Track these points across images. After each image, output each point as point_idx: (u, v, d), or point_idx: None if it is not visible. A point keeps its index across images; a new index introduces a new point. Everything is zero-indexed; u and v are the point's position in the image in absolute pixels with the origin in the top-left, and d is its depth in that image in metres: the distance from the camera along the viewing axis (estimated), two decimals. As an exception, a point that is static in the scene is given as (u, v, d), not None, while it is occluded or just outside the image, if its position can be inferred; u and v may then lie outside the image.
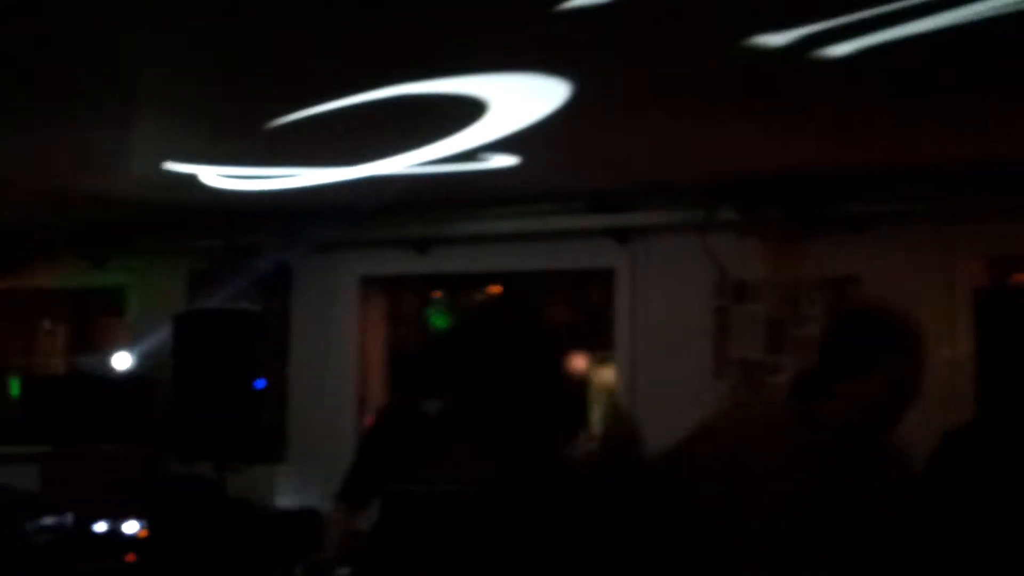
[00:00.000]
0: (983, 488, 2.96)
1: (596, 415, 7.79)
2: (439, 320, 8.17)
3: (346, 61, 4.43)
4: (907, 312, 3.07)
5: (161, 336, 7.90)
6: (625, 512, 2.14)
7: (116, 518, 6.21)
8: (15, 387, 8.25)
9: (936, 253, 6.18)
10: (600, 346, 7.76)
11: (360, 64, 4.45)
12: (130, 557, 5.99)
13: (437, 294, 8.36)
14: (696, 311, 6.85)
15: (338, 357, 8.13)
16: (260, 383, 6.62)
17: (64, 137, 5.85)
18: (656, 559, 2.09)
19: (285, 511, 6.62)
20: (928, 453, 3.02)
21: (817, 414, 3.04)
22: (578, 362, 7.05)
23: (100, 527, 6.15)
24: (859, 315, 3.28)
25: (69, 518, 6.30)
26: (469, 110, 5.06)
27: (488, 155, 5.96)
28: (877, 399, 2.99)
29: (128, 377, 8.46)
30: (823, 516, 2.91)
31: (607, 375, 7.45)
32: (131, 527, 6.18)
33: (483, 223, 7.48)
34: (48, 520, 6.29)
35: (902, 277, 6.26)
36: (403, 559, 4.67)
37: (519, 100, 4.94)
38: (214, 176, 6.60)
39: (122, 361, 8.54)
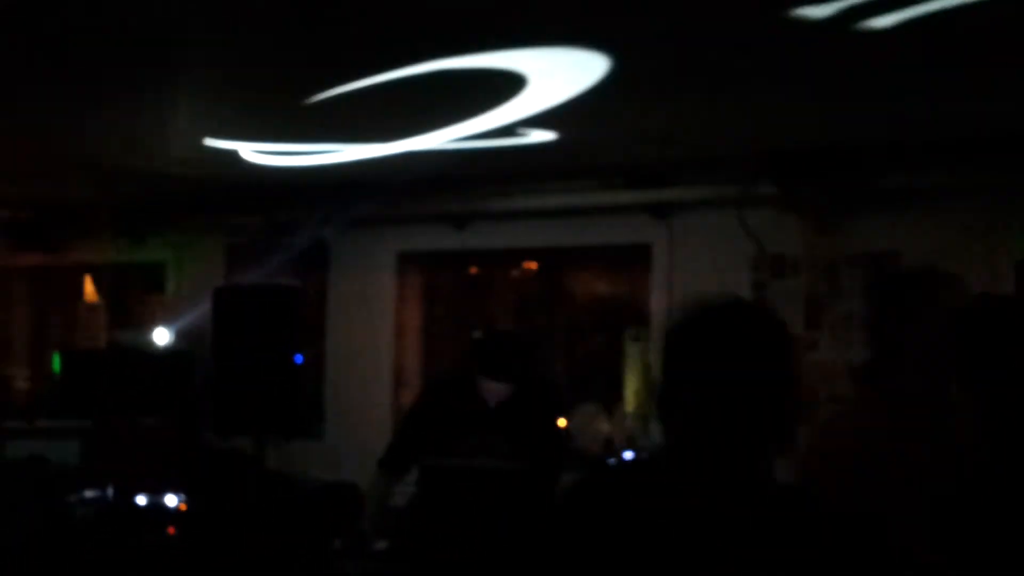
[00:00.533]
0: None
1: (630, 390, 7.79)
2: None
3: (385, 36, 4.43)
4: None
5: (200, 311, 7.95)
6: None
7: (156, 492, 6.26)
8: (56, 362, 8.32)
9: (978, 227, 6.13)
10: (636, 321, 7.76)
11: (399, 39, 4.45)
12: (171, 530, 6.04)
13: (474, 270, 8.37)
14: (733, 287, 6.81)
15: (375, 333, 8.16)
16: (298, 358, 6.64)
17: (104, 115, 5.89)
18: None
19: (323, 485, 6.64)
20: None
21: (896, 390, 3.03)
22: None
23: (141, 500, 6.20)
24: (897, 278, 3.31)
25: (110, 491, 6.35)
26: (508, 85, 5.05)
27: (526, 130, 5.95)
28: (937, 352, 2.99)
29: (168, 352, 8.52)
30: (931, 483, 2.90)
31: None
32: (171, 500, 6.23)
33: (521, 199, 7.46)
34: (89, 493, 6.35)
35: (943, 252, 6.21)
36: (440, 533, 4.70)
37: (558, 75, 4.93)
38: (253, 152, 6.62)
39: (162, 336, 8.60)
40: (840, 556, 2.10)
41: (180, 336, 8.48)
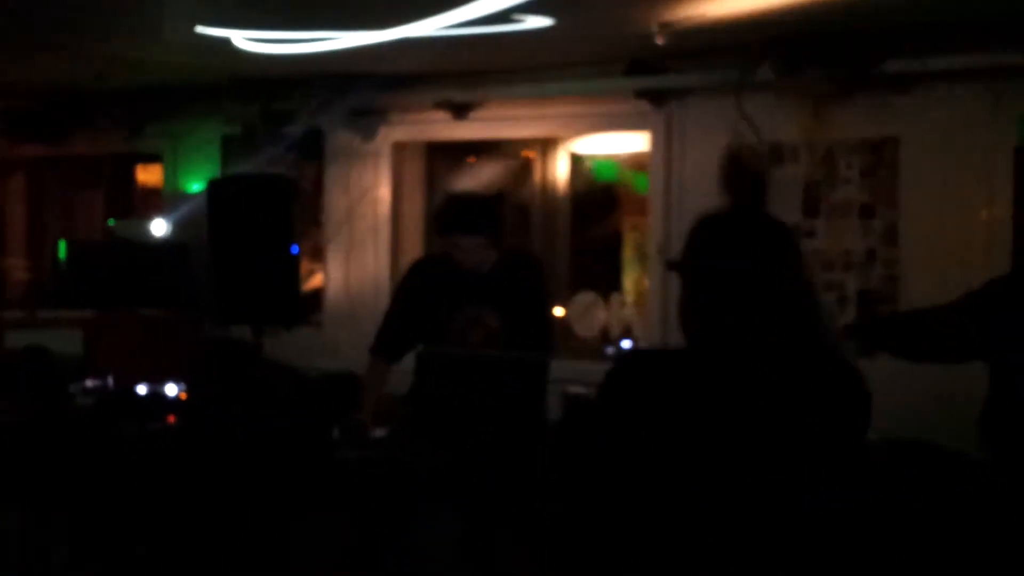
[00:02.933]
0: None
1: (628, 279, 7.82)
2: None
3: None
4: None
5: (197, 202, 7.94)
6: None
7: (156, 381, 6.30)
8: (62, 249, 8.33)
9: (977, 113, 6.08)
10: (634, 211, 7.76)
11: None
12: (171, 418, 6.09)
13: (472, 159, 8.34)
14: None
15: (373, 223, 8.15)
16: (295, 248, 6.64)
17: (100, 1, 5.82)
18: None
19: (322, 374, 6.68)
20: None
21: None
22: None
23: (141, 389, 6.24)
24: None
25: (110, 381, 6.39)
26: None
27: (523, 16, 5.87)
28: None
29: (166, 243, 8.53)
30: None
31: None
32: (171, 389, 6.27)
33: (518, 88, 7.41)
34: (90, 383, 6.39)
35: (942, 137, 6.18)
36: (439, 420, 4.73)
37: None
38: (246, 40, 6.55)
39: (159, 227, 8.60)
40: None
41: (177, 227, 8.49)
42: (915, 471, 3.25)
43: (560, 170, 8.00)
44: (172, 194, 8.90)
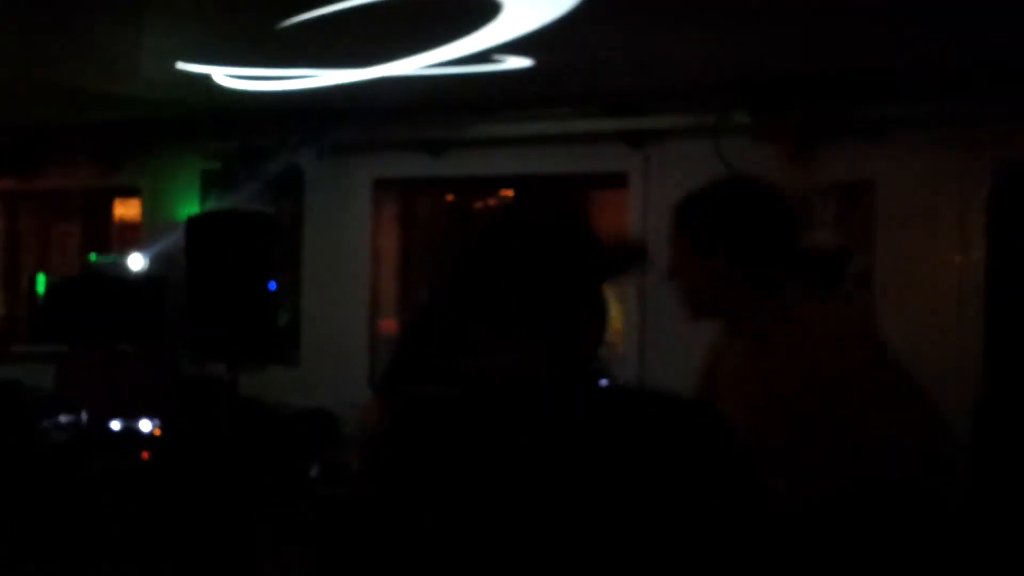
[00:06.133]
0: None
1: (614, 315, 7.83)
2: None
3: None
4: None
5: (175, 237, 7.93)
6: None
7: (131, 417, 6.28)
8: (41, 283, 8.29)
9: (952, 158, 6.13)
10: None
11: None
12: (145, 455, 6.07)
13: (450, 197, 8.35)
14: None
15: (351, 260, 8.15)
16: (272, 285, 6.64)
17: (76, 36, 5.82)
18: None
19: (298, 411, 6.67)
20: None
21: None
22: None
23: (115, 425, 6.22)
24: None
25: (84, 416, 6.37)
26: (483, 10, 5.01)
27: (502, 57, 5.91)
28: None
29: (142, 278, 8.50)
30: None
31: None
32: (146, 426, 6.25)
33: (497, 126, 7.44)
34: (64, 418, 6.37)
35: (917, 182, 6.22)
36: (412, 462, 4.72)
37: (533, 1, 4.89)
38: (227, 77, 6.57)
39: (136, 262, 8.57)
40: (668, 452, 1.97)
41: (154, 262, 8.47)
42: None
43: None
44: (150, 229, 8.88)
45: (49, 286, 8.32)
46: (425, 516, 2.04)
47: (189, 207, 8.41)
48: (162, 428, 6.23)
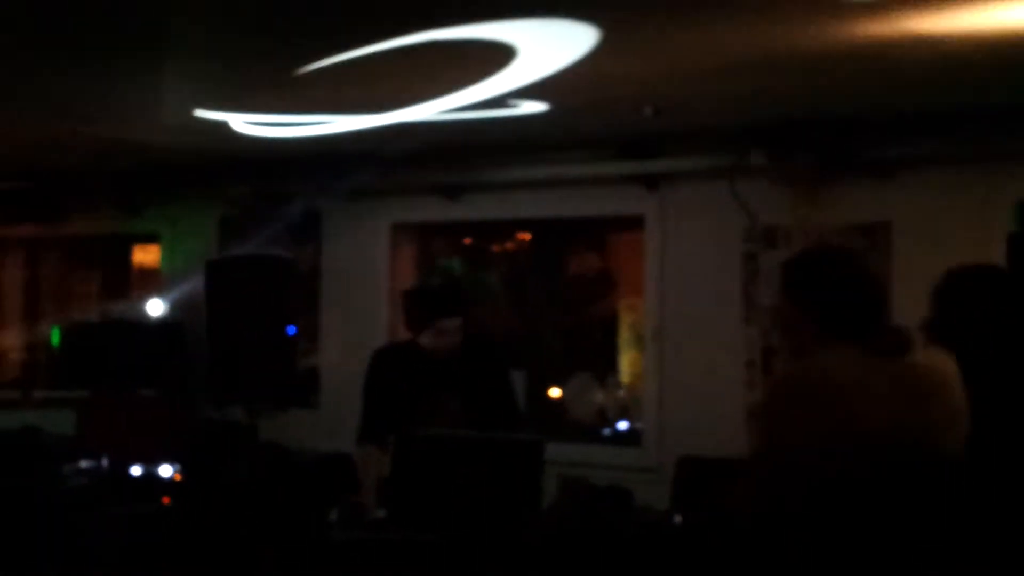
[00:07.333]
0: None
1: (625, 360, 7.83)
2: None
3: (376, 7, 4.43)
4: None
5: (194, 283, 7.97)
6: None
7: (151, 462, 6.30)
8: (55, 336, 8.34)
9: (969, 198, 6.13)
10: (630, 292, 7.78)
11: (390, 10, 4.45)
12: (165, 500, 6.08)
13: (467, 241, 8.38)
14: (726, 258, 6.84)
15: (369, 304, 8.17)
16: (291, 329, 6.67)
17: (97, 84, 5.88)
18: None
19: (318, 456, 6.67)
20: None
21: None
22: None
23: (135, 470, 6.24)
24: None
25: (104, 462, 6.39)
26: (498, 56, 5.05)
27: (518, 101, 5.95)
28: None
29: (162, 323, 8.54)
30: None
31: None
32: (166, 471, 6.27)
33: (513, 170, 7.48)
34: (84, 463, 6.39)
35: (934, 222, 6.22)
36: (423, 499, 4.72)
37: (548, 46, 4.93)
38: (244, 124, 6.63)
39: (156, 308, 8.62)
40: None
41: (174, 307, 8.51)
42: None
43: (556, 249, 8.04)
44: (169, 274, 8.93)
45: (66, 333, 8.36)
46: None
47: (208, 253, 8.47)
48: (182, 473, 6.25)
